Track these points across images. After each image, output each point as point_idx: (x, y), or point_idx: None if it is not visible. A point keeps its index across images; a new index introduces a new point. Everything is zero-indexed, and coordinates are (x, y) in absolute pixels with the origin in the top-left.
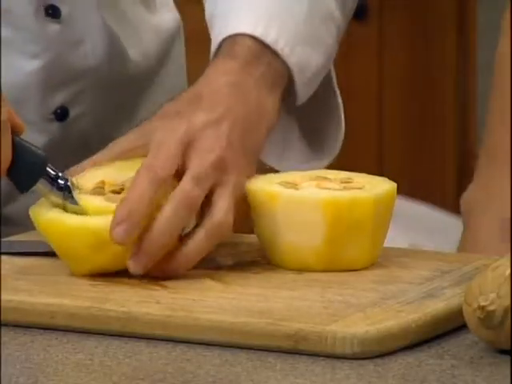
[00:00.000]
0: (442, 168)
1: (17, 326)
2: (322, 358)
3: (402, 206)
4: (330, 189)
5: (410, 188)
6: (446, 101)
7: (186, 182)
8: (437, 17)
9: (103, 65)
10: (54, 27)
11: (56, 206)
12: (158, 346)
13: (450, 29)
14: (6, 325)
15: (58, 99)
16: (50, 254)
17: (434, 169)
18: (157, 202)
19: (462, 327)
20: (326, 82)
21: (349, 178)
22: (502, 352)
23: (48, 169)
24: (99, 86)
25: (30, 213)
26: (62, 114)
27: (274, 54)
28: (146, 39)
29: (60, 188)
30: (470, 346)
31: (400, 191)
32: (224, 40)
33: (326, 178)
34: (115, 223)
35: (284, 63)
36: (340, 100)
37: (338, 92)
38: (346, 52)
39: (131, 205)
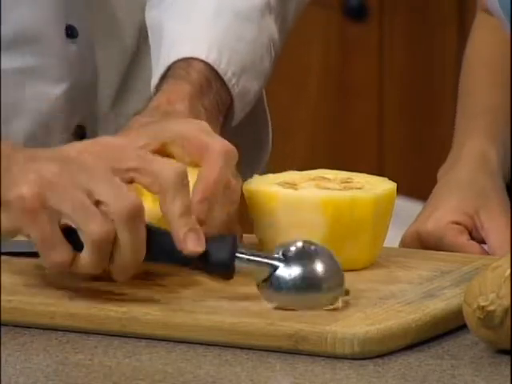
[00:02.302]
0: None
1: (17, 326)
2: (322, 358)
3: (402, 206)
4: (329, 189)
5: (409, 188)
6: (446, 101)
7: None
8: (437, 17)
9: (105, 78)
10: (72, 48)
11: None
12: (157, 346)
13: (450, 29)
14: (6, 325)
15: (76, 120)
16: None
17: (433, 169)
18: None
19: (462, 327)
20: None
21: (349, 178)
22: (502, 352)
23: None
24: (108, 100)
25: None
26: (80, 135)
27: (222, 81)
28: (125, 29)
29: None
30: (470, 346)
31: (400, 191)
32: (177, 61)
33: (325, 178)
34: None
35: (228, 92)
36: (268, 117)
37: (267, 110)
38: (346, 52)
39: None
